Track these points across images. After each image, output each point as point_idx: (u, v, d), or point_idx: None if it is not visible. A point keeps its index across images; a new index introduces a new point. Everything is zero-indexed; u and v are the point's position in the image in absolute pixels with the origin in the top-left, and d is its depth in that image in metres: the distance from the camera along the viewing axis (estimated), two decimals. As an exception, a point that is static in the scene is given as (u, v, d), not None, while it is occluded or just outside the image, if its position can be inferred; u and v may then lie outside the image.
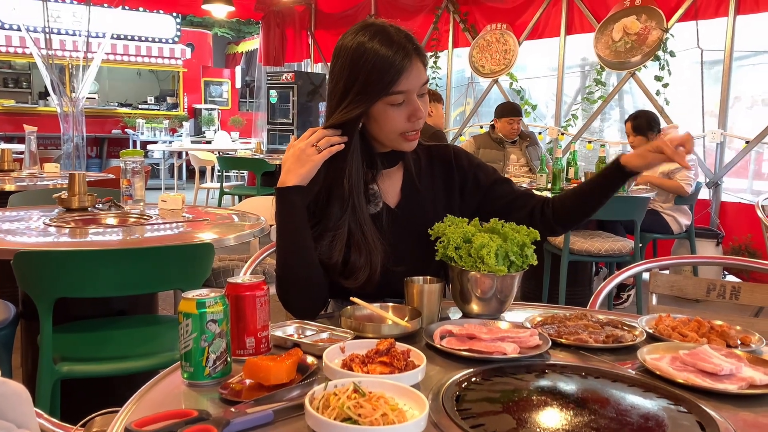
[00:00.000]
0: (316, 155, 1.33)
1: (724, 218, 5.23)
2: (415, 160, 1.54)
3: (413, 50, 1.35)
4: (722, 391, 0.98)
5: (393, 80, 1.33)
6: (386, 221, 1.46)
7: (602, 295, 1.74)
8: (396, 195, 1.51)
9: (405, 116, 1.38)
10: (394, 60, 1.32)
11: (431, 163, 1.57)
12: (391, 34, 1.35)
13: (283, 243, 1.36)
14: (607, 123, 6.83)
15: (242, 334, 1.10)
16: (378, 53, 1.33)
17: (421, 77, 1.38)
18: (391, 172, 1.52)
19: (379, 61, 1.32)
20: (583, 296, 4.17)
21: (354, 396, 0.83)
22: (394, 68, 1.32)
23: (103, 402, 1.23)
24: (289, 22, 9.66)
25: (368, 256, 1.39)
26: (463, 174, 1.57)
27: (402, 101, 1.37)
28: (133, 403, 0.94)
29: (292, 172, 1.34)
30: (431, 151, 1.59)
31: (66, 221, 2.37)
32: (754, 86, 5.69)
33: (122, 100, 12.75)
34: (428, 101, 1.46)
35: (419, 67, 1.37)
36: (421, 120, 1.40)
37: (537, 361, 1.11)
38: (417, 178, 1.52)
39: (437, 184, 1.55)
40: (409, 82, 1.35)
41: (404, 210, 1.49)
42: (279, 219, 1.36)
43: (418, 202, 1.51)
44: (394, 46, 1.33)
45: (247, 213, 2.71)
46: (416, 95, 1.38)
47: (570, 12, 6.23)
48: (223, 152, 9.12)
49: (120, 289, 1.89)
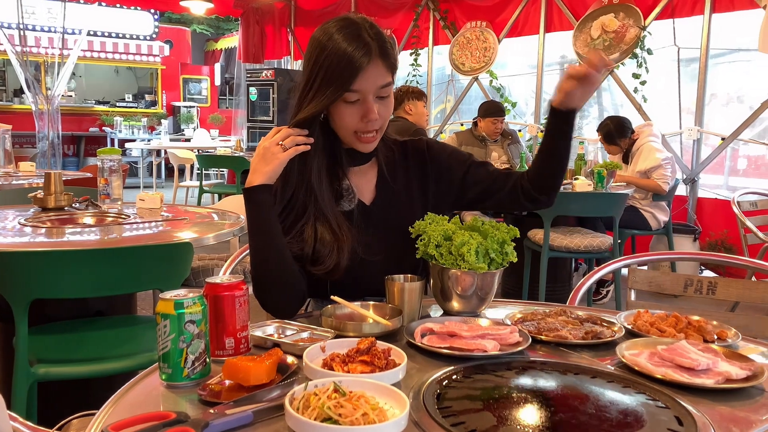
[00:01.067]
0: (281, 153, 1.32)
1: (700, 214, 5.30)
2: (389, 157, 1.53)
3: (377, 49, 1.32)
4: (699, 386, 1.00)
5: (349, 78, 1.31)
6: (360, 218, 1.45)
7: (582, 291, 1.75)
8: (371, 192, 1.50)
9: (358, 116, 1.37)
10: (353, 57, 1.30)
11: (405, 157, 1.56)
12: (360, 30, 1.33)
13: (256, 243, 1.35)
14: (585, 120, 6.89)
15: (221, 335, 1.09)
16: (338, 49, 1.31)
17: (379, 78, 1.34)
18: (365, 169, 1.51)
19: (338, 58, 1.31)
20: (562, 292, 4.21)
21: (334, 396, 0.82)
22: (352, 66, 1.30)
23: (81, 405, 1.22)
24: (268, 19, 9.61)
25: (334, 243, 1.38)
26: (437, 164, 1.55)
27: (356, 99, 1.35)
28: (110, 405, 0.93)
29: (258, 171, 1.33)
30: (406, 146, 1.58)
31: (42, 221, 2.34)
32: (729, 84, 5.78)
33: (100, 98, 12.60)
34: (392, 104, 1.42)
35: (379, 68, 1.34)
36: (375, 122, 1.37)
37: (517, 358, 1.11)
38: (391, 175, 1.51)
39: (412, 178, 1.54)
40: (364, 82, 1.32)
41: (378, 207, 1.49)
42: (249, 220, 1.35)
43: (392, 199, 1.50)
44: (357, 42, 1.31)
45: (227, 212, 2.69)
46: (374, 96, 1.36)
47: (549, 10, 6.27)
48: (203, 150, 9.06)
49: (97, 289, 1.86)
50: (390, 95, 1.40)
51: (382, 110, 1.38)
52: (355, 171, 1.50)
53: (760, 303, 1.72)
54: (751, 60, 5.40)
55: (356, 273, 1.41)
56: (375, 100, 1.36)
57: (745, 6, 4.96)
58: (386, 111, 1.40)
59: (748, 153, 5.87)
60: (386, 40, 1.37)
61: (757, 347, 1.23)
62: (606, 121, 4.86)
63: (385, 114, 1.40)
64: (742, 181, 5.84)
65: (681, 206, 5.29)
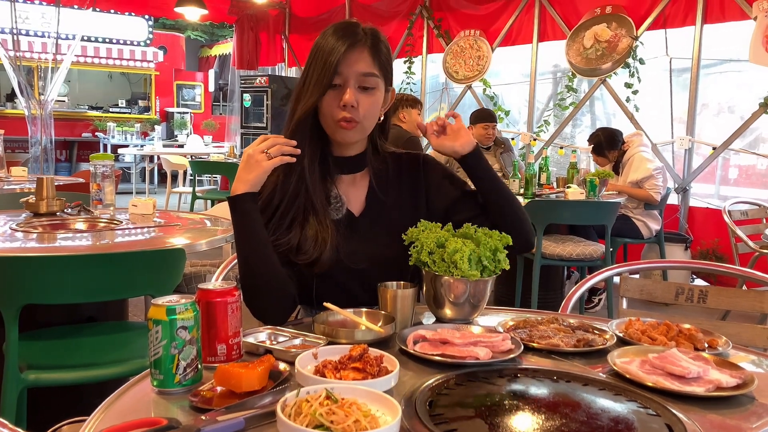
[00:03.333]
0: (265, 161, 1.31)
1: (692, 223, 5.33)
2: (382, 170, 1.53)
3: (365, 41, 1.37)
4: (690, 394, 1.00)
5: (333, 61, 1.34)
6: (347, 228, 1.45)
7: (574, 299, 1.76)
8: (360, 203, 1.50)
9: (338, 102, 1.38)
10: (338, 45, 1.35)
11: (399, 171, 1.56)
12: (354, 26, 1.38)
13: (242, 252, 1.34)
14: (578, 129, 6.93)
15: (213, 341, 1.08)
16: (328, 42, 1.36)
17: (361, 65, 1.37)
18: (356, 179, 1.52)
19: (327, 47, 1.36)
20: (555, 300, 4.22)
21: (326, 402, 0.82)
22: (337, 50, 1.34)
23: (71, 411, 1.21)
24: (263, 26, 9.62)
25: (318, 235, 1.39)
26: (429, 182, 1.55)
27: (339, 84, 1.37)
28: (101, 411, 0.92)
29: (241, 180, 1.32)
30: (401, 159, 1.58)
31: (34, 226, 2.33)
32: (720, 94, 5.82)
33: (93, 103, 12.55)
34: (376, 101, 1.42)
35: (364, 55, 1.37)
36: (351, 109, 1.37)
37: (509, 365, 1.12)
38: (382, 188, 1.51)
39: (404, 193, 1.54)
40: (346, 66, 1.36)
41: (367, 218, 1.49)
42: (234, 229, 1.35)
43: (381, 212, 1.49)
44: (345, 33, 1.36)
45: (220, 218, 2.69)
46: (355, 84, 1.38)
47: (542, 19, 6.31)
48: (196, 156, 9.04)
49: (89, 295, 1.86)
50: (375, 89, 1.41)
51: (363, 101, 1.39)
52: (345, 180, 1.51)
53: (751, 311, 1.73)
54: (742, 70, 5.44)
55: (339, 279, 1.42)
56: (357, 89, 1.38)
57: (736, 17, 5.00)
58: (368, 103, 1.40)
59: (739, 162, 5.91)
60: (380, 39, 1.41)
61: (748, 356, 1.24)
62: (597, 132, 4.89)
63: (367, 106, 1.40)
64: (733, 190, 5.87)
65: (672, 215, 5.32)
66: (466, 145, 1.48)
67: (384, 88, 1.45)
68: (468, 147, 1.48)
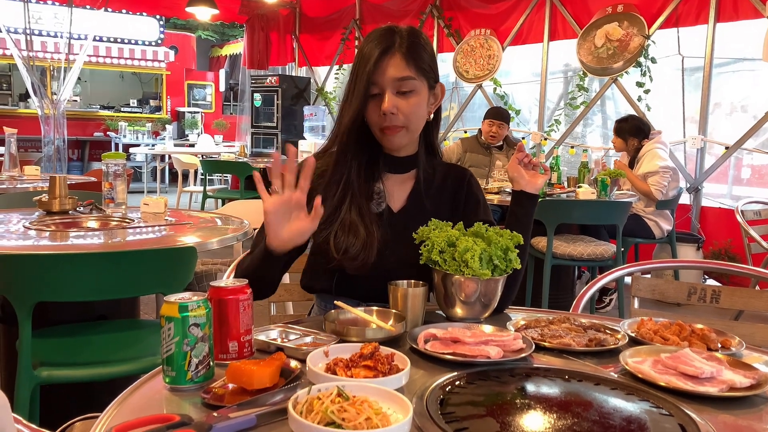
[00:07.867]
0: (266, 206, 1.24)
1: (704, 223, 5.29)
2: (429, 174, 1.55)
3: (401, 46, 1.38)
4: (703, 394, 0.99)
5: (369, 71, 1.36)
6: (385, 223, 1.46)
7: (585, 298, 1.75)
8: (401, 201, 1.52)
9: (379, 110, 1.39)
10: (373, 51, 1.36)
11: (445, 180, 1.57)
12: (391, 32, 1.40)
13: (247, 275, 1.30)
14: (589, 128, 6.89)
15: (225, 338, 1.09)
16: (365, 51, 1.38)
17: (395, 71, 1.38)
18: (404, 178, 1.53)
19: (366, 56, 1.38)
20: (566, 300, 4.20)
21: (338, 400, 0.82)
22: (371, 58, 1.36)
23: (84, 408, 1.22)
24: (273, 26, 9.63)
25: (365, 239, 1.40)
26: (468, 200, 1.57)
27: (377, 93, 1.39)
28: (113, 408, 0.93)
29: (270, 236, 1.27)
30: (449, 170, 1.60)
31: (46, 224, 2.34)
32: (733, 93, 5.77)
33: (104, 103, 12.62)
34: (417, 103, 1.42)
35: (398, 61, 1.38)
36: (391, 116, 1.39)
37: (520, 364, 1.11)
38: (426, 191, 1.53)
39: (444, 202, 1.55)
40: (380, 74, 1.37)
41: (405, 216, 1.49)
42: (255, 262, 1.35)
43: (420, 214, 1.49)
44: (379, 40, 1.38)
45: (231, 216, 2.69)
46: (393, 90, 1.38)
47: (553, 18, 6.28)
48: (207, 155, 9.07)
49: (101, 293, 1.87)
50: (414, 92, 1.41)
51: (403, 105, 1.39)
52: (392, 177, 1.52)
53: (764, 312, 1.72)
54: (756, 69, 5.39)
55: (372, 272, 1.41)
56: (395, 95, 1.39)
57: (749, 15, 4.96)
58: (408, 107, 1.40)
59: (752, 162, 5.85)
60: (418, 41, 1.41)
61: (761, 356, 1.23)
62: (628, 117, 4.86)
63: (408, 110, 1.40)
64: (746, 190, 5.81)
65: (684, 215, 5.28)
66: (535, 186, 1.49)
67: (427, 86, 1.44)
68: (534, 189, 1.49)
